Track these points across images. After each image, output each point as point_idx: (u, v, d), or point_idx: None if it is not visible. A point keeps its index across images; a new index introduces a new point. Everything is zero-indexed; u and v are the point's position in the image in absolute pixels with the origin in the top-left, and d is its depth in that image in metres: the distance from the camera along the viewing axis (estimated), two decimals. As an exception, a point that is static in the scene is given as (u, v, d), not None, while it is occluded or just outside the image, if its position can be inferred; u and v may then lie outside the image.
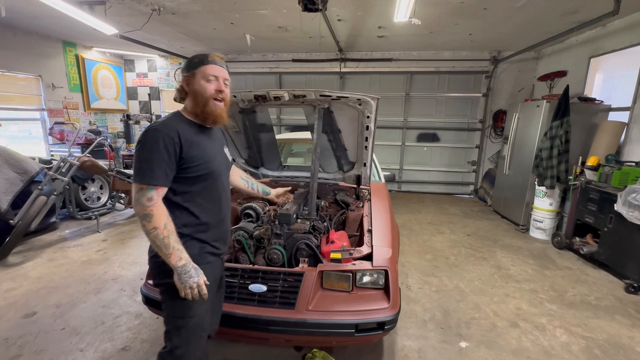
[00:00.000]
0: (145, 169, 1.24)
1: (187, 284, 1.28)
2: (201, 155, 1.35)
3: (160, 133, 1.26)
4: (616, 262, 3.31)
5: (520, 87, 6.34)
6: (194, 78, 1.36)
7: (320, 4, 3.43)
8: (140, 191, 1.23)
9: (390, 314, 1.69)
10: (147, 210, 1.22)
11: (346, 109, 2.25)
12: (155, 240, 1.23)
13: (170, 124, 1.32)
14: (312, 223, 2.21)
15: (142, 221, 1.23)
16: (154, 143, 1.25)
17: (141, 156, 1.26)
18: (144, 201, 1.22)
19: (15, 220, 3.53)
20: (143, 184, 1.23)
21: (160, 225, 1.23)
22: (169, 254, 1.24)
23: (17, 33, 5.35)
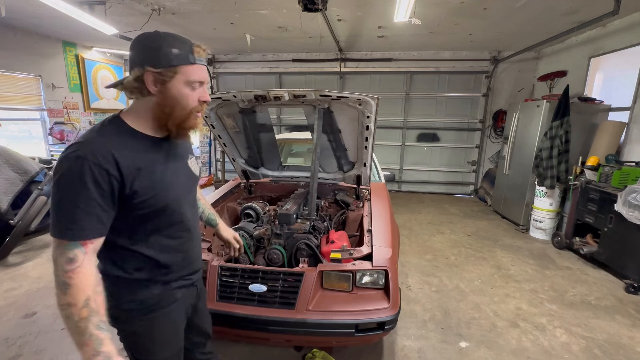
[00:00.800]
0: (63, 217, 0.86)
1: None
2: (152, 186, 0.98)
3: (84, 162, 0.86)
4: (616, 262, 3.31)
5: (520, 87, 6.34)
6: (172, 80, 0.96)
7: (320, 4, 3.43)
8: (57, 248, 0.86)
9: (390, 314, 1.69)
10: (64, 277, 0.84)
11: (346, 109, 2.25)
12: (66, 322, 0.85)
13: (100, 143, 0.90)
14: (312, 223, 2.21)
15: (56, 289, 0.85)
16: (75, 178, 0.86)
17: (58, 199, 0.87)
18: (62, 263, 0.85)
19: (15, 220, 3.53)
20: (62, 238, 0.86)
21: (79, 302, 0.84)
22: (82, 342, 0.84)
23: (17, 33, 5.34)
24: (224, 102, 2.35)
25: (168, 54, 0.94)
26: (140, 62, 0.94)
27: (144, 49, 0.95)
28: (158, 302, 1.09)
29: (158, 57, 0.93)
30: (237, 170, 2.99)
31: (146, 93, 0.96)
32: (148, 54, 0.94)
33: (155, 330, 1.12)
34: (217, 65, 7.30)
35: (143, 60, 0.93)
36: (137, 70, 0.93)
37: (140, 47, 0.95)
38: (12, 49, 5.29)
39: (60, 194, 0.87)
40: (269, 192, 3.06)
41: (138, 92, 0.97)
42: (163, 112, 0.99)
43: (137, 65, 0.94)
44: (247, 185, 3.03)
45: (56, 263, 0.86)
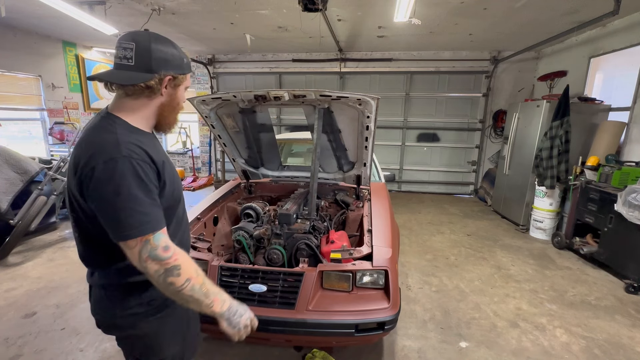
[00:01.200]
0: (136, 214, 0.90)
1: (240, 326, 1.05)
2: (173, 178, 1.06)
3: (131, 160, 0.91)
4: (616, 262, 3.31)
5: (520, 87, 6.34)
6: (179, 85, 1.05)
7: (320, 4, 3.44)
8: (146, 245, 0.90)
9: (390, 314, 1.69)
10: (170, 263, 0.91)
11: (346, 109, 2.25)
12: (193, 295, 0.94)
13: (128, 142, 0.93)
14: (312, 223, 2.21)
15: (166, 279, 0.91)
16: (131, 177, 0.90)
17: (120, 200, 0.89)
18: (160, 254, 0.91)
19: (15, 220, 3.53)
20: (145, 234, 0.90)
21: (193, 273, 0.95)
22: (210, 303, 0.97)
23: (17, 33, 5.34)
24: (224, 102, 2.35)
25: (182, 62, 1.03)
26: (164, 65, 0.98)
27: (167, 50, 1.00)
28: (165, 300, 1.08)
29: (178, 62, 1.01)
30: (237, 170, 2.99)
31: (152, 96, 1.00)
32: (171, 57, 1.00)
33: (164, 328, 1.12)
34: (217, 65, 7.31)
35: (167, 63, 0.99)
36: (163, 73, 0.98)
37: (164, 47, 0.99)
38: (12, 49, 5.29)
39: (121, 196, 0.89)
40: (269, 192, 3.07)
41: (149, 93, 0.99)
42: (163, 111, 1.05)
43: (162, 67, 0.98)
44: (247, 185, 3.03)
45: (154, 258, 0.90)
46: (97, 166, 0.89)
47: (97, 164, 0.89)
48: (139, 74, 0.95)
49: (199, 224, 2.33)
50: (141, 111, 1.02)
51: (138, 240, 0.90)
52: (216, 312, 0.99)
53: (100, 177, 0.89)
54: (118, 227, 0.90)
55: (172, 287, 0.92)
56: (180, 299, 0.96)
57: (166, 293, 0.95)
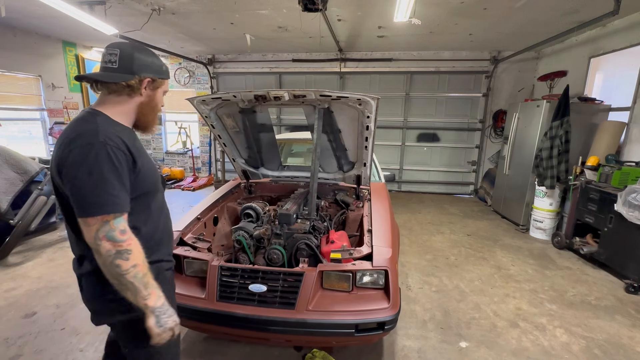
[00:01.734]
0: (104, 194, 0.97)
1: (166, 327, 1.04)
2: (149, 165, 1.14)
3: (106, 146, 0.99)
4: (616, 262, 3.31)
5: (520, 87, 6.34)
6: (158, 88, 1.18)
7: (320, 4, 3.44)
8: (105, 225, 0.96)
9: (390, 314, 1.69)
10: (123, 246, 0.97)
11: (346, 109, 2.25)
12: (134, 282, 0.98)
13: (106, 130, 1.03)
14: (312, 223, 2.21)
15: (114, 260, 0.96)
16: (103, 159, 0.98)
17: (90, 179, 0.96)
18: (116, 235, 0.97)
19: (15, 220, 3.53)
20: (107, 214, 0.97)
21: (140, 261, 1.00)
22: (147, 295, 1.01)
23: (17, 33, 5.35)
24: (224, 102, 2.35)
25: (164, 71, 1.20)
26: (144, 68, 1.12)
27: (148, 57, 1.15)
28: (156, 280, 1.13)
29: (156, 68, 1.16)
30: (237, 170, 2.99)
31: (132, 94, 1.13)
32: (151, 63, 1.15)
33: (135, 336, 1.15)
34: (217, 65, 7.31)
35: (147, 67, 1.13)
36: (143, 75, 1.12)
37: (145, 55, 1.14)
38: (12, 49, 5.30)
39: (92, 177, 0.97)
40: (269, 192, 3.07)
41: (129, 91, 1.12)
42: (142, 111, 1.18)
43: (142, 70, 1.12)
44: (247, 185, 3.03)
45: (110, 238, 0.96)
46: (74, 149, 0.98)
47: (74, 147, 0.98)
48: (121, 75, 1.09)
49: (199, 224, 2.33)
50: (122, 107, 1.13)
51: (99, 219, 0.96)
52: (149, 305, 1.02)
53: (77, 159, 0.97)
54: (84, 204, 0.97)
55: (118, 270, 0.97)
56: (120, 284, 0.99)
57: (108, 274, 0.99)
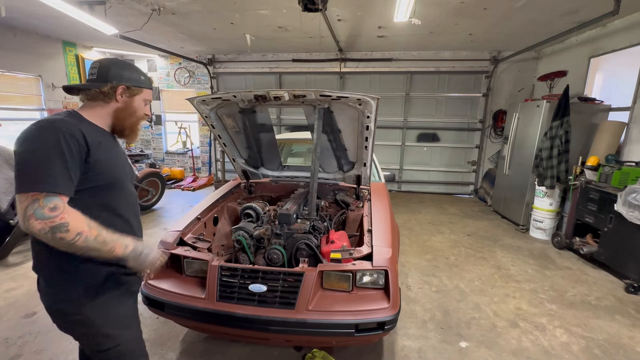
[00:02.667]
0: (40, 173, 0.98)
1: (146, 264, 1.14)
2: (109, 159, 1.16)
3: (58, 131, 1.02)
4: (616, 262, 3.31)
5: (520, 87, 6.34)
6: (135, 95, 1.25)
7: (320, 4, 3.43)
8: (34, 202, 0.95)
9: (390, 314, 1.69)
10: (55, 222, 0.95)
11: (346, 109, 2.25)
12: (87, 245, 1.01)
13: (69, 122, 1.08)
14: (312, 223, 2.21)
15: (54, 235, 0.96)
16: (51, 141, 1.00)
17: (32, 157, 0.99)
18: (45, 212, 0.95)
19: (15, 220, 3.53)
20: (38, 192, 0.96)
21: (84, 227, 1.00)
22: (111, 249, 1.05)
23: (17, 33, 5.35)
24: (224, 102, 2.35)
25: (143, 80, 1.28)
26: (118, 78, 1.21)
27: (124, 69, 1.23)
28: (105, 284, 1.17)
29: (133, 78, 1.25)
30: (237, 170, 2.99)
31: (108, 100, 1.21)
32: (126, 74, 1.23)
33: (109, 313, 1.18)
34: (217, 65, 7.31)
35: (121, 77, 1.21)
36: (115, 82, 1.20)
37: (120, 68, 1.23)
38: (12, 49, 5.30)
39: (35, 155, 0.99)
40: (269, 192, 3.07)
41: (104, 97, 1.20)
42: (119, 117, 1.24)
43: (115, 79, 1.20)
44: (247, 185, 3.03)
45: (38, 216, 0.94)
46: (30, 130, 1.04)
47: (31, 128, 1.04)
48: (97, 84, 1.19)
49: (199, 224, 2.33)
50: (98, 112, 1.21)
51: (29, 196, 0.96)
52: (119, 255, 1.08)
53: (27, 136, 1.03)
54: (20, 179, 0.99)
55: (63, 242, 0.98)
56: (77, 250, 1.02)
57: (59, 247, 1.00)
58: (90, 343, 1.21)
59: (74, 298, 1.13)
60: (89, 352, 1.25)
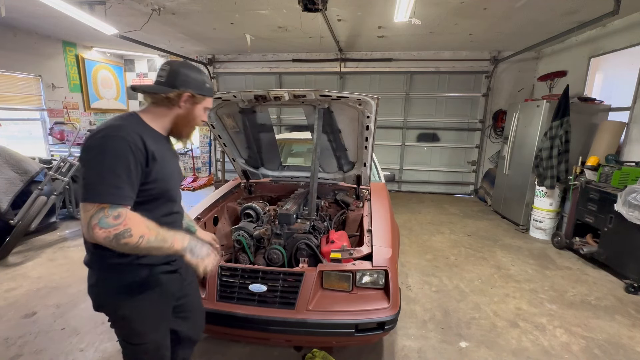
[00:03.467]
0: (106, 184, 1.01)
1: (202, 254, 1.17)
2: (162, 170, 1.18)
3: (124, 142, 1.05)
4: (616, 262, 3.31)
5: (520, 87, 6.34)
6: (198, 103, 1.27)
7: (320, 4, 3.43)
8: (100, 212, 0.99)
9: (390, 314, 1.69)
10: (119, 229, 1.00)
11: (346, 109, 2.25)
12: (150, 246, 1.06)
13: (130, 128, 1.10)
14: (312, 223, 2.21)
15: (119, 242, 1.00)
16: (120, 152, 1.04)
17: (99, 167, 1.02)
18: (109, 221, 0.99)
19: (15, 220, 3.53)
20: (104, 202, 1.00)
21: (145, 229, 1.05)
22: (171, 245, 1.10)
23: (17, 33, 5.35)
24: (224, 102, 2.35)
25: (206, 88, 1.28)
26: (185, 84, 1.21)
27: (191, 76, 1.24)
28: (143, 284, 1.20)
29: (199, 86, 1.25)
30: (237, 170, 2.99)
31: (171, 106, 1.23)
32: (193, 81, 1.23)
33: (142, 312, 1.23)
34: (217, 65, 7.31)
35: (188, 84, 1.22)
36: (182, 89, 1.21)
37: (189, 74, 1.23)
38: (12, 49, 5.30)
39: (102, 165, 1.03)
40: (269, 192, 3.07)
41: (168, 103, 1.22)
42: (178, 123, 1.27)
43: (183, 86, 1.21)
44: (247, 185, 3.03)
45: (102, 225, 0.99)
46: (95, 136, 1.06)
47: (98, 136, 1.06)
48: (164, 88, 1.20)
49: (199, 224, 2.33)
50: (159, 116, 1.24)
51: (95, 206, 1.00)
52: (178, 249, 1.12)
53: (94, 144, 1.05)
54: (88, 188, 1.02)
55: (128, 246, 1.02)
56: (141, 252, 1.06)
57: (124, 251, 1.05)
58: (123, 334, 1.28)
59: (116, 294, 1.18)
60: (119, 340, 1.30)
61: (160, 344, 1.31)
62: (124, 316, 1.21)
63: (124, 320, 1.22)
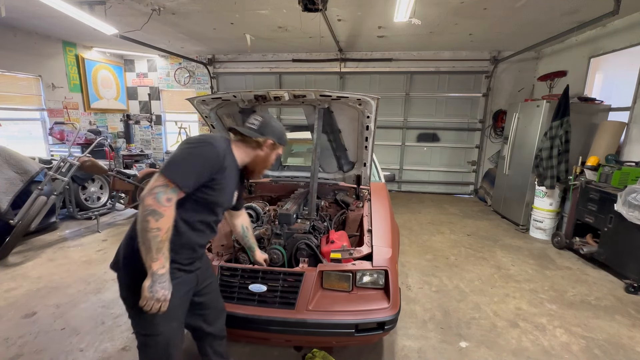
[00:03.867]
0: (183, 169, 1.22)
1: (155, 295, 1.18)
2: (220, 186, 1.35)
3: (216, 150, 1.30)
4: (616, 262, 3.31)
5: (520, 87, 6.34)
6: (275, 150, 1.54)
7: (320, 4, 3.43)
8: (164, 187, 1.17)
9: (390, 314, 1.69)
10: (162, 209, 1.15)
11: (346, 109, 2.25)
12: (151, 241, 1.14)
13: (223, 146, 1.36)
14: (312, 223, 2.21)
15: (147, 216, 1.13)
16: (206, 153, 1.28)
17: (186, 155, 1.25)
18: (162, 199, 1.15)
19: (15, 220, 3.53)
20: (172, 181, 1.18)
21: (165, 228, 1.16)
22: (155, 258, 1.16)
23: (17, 33, 5.35)
24: (224, 102, 2.35)
25: (282, 138, 1.57)
26: (272, 134, 1.51)
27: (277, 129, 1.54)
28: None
29: (280, 137, 1.55)
30: (237, 170, 2.99)
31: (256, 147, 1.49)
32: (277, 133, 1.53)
33: None
34: (217, 65, 7.31)
35: (273, 134, 1.51)
36: (269, 137, 1.50)
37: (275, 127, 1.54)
38: (12, 49, 5.30)
39: (189, 154, 1.26)
40: (269, 192, 3.06)
41: (255, 145, 1.49)
42: (254, 163, 1.53)
43: (270, 135, 1.50)
44: (247, 185, 3.03)
45: (157, 198, 1.14)
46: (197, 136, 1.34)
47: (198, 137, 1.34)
48: (256, 133, 1.48)
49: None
50: (243, 151, 1.48)
51: (168, 180, 1.18)
52: (152, 267, 1.18)
53: (194, 140, 1.31)
54: (169, 165, 1.21)
55: (145, 224, 1.14)
56: (142, 238, 1.16)
57: (138, 225, 1.17)
58: (136, 323, 1.34)
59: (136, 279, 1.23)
60: (134, 332, 1.37)
61: (170, 339, 1.35)
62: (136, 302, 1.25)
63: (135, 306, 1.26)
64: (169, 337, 1.35)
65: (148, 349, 1.35)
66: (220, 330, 1.67)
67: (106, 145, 5.57)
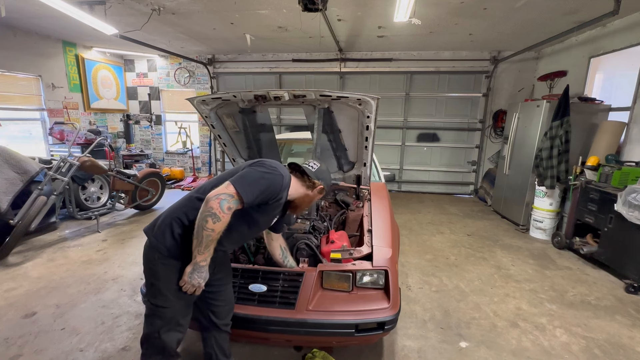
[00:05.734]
0: (252, 187, 1.37)
1: (192, 281, 1.39)
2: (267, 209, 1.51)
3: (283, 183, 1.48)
4: (616, 262, 3.31)
5: (520, 87, 6.34)
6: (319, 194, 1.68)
7: (320, 4, 3.43)
8: (229, 196, 1.32)
9: (390, 314, 1.69)
10: (221, 215, 1.30)
11: (346, 109, 2.25)
12: (204, 238, 1.32)
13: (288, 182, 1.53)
14: (312, 223, 2.21)
15: (207, 217, 1.29)
16: (275, 182, 1.44)
17: (259, 177, 1.41)
18: (225, 206, 1.30)
19: (15, 220, 3.52)
20: (238, 194, 1.33)
21: (218, 230, 1.32)
22: (202, 252, 1.35)
23: (17, 33, 5.35)
24: (224, 102, 2.35)
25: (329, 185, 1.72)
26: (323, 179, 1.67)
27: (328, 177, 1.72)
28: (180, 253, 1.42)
29: (329, 186, 1.71)
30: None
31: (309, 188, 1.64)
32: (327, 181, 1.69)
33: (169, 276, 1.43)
34: (217, 65, 7.31)
35: (325, 180, 1.68)
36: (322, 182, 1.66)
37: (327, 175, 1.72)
38: (12, 49, 5.30)
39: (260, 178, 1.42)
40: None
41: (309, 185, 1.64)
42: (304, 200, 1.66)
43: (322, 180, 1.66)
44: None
45: (221, 204, 1.29)
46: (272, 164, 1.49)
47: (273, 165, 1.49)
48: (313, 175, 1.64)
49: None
50: (297, 186, 1.62)
51: (234, 191, 1.34)
52: (196, 259, 1.37)
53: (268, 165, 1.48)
54: (241, 180, 1.38)
55: (203, 223, 1.30)
56: (197, 231, 1.33)
57: (198, 221, 1.32)
58: (149, 291, 1.49)
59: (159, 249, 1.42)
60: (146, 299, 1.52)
61: (175, 314, 1.49)
62: (155, 271, 1.43)
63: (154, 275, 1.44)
64: (175, 312, 1.48)
65: (155, 318, 1.48)
66: (226, 324, 1.71)
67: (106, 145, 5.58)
